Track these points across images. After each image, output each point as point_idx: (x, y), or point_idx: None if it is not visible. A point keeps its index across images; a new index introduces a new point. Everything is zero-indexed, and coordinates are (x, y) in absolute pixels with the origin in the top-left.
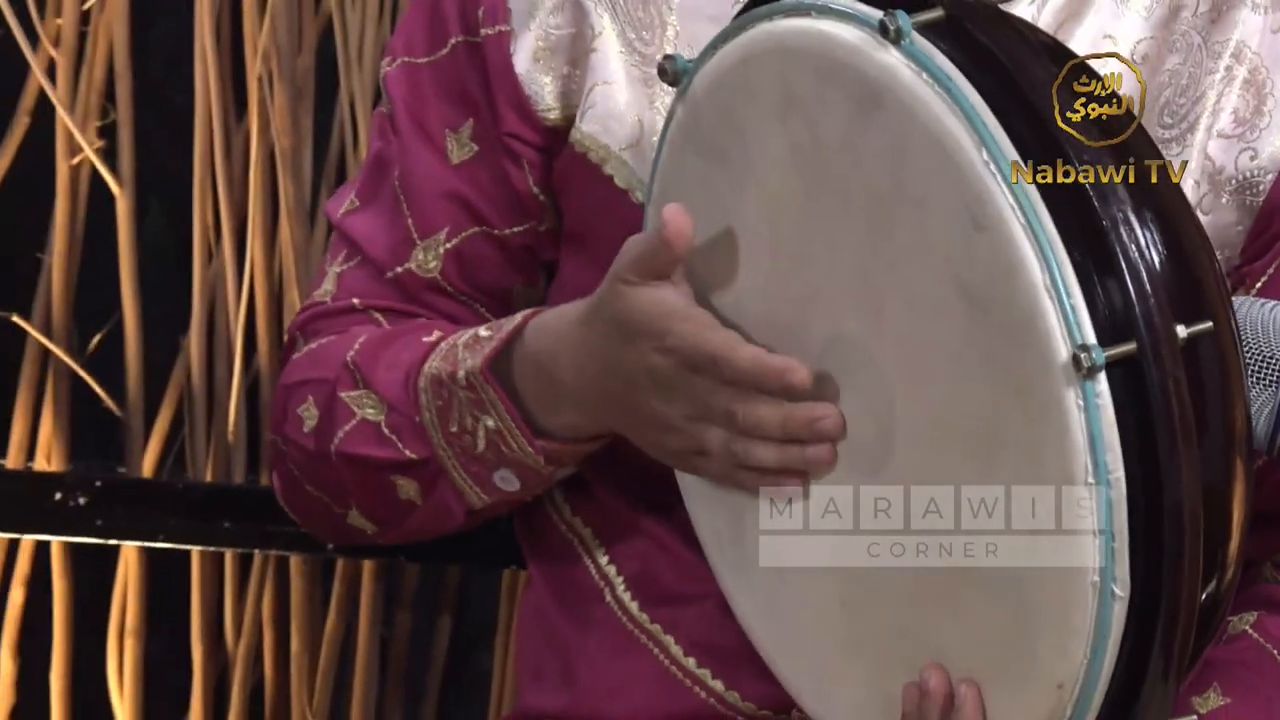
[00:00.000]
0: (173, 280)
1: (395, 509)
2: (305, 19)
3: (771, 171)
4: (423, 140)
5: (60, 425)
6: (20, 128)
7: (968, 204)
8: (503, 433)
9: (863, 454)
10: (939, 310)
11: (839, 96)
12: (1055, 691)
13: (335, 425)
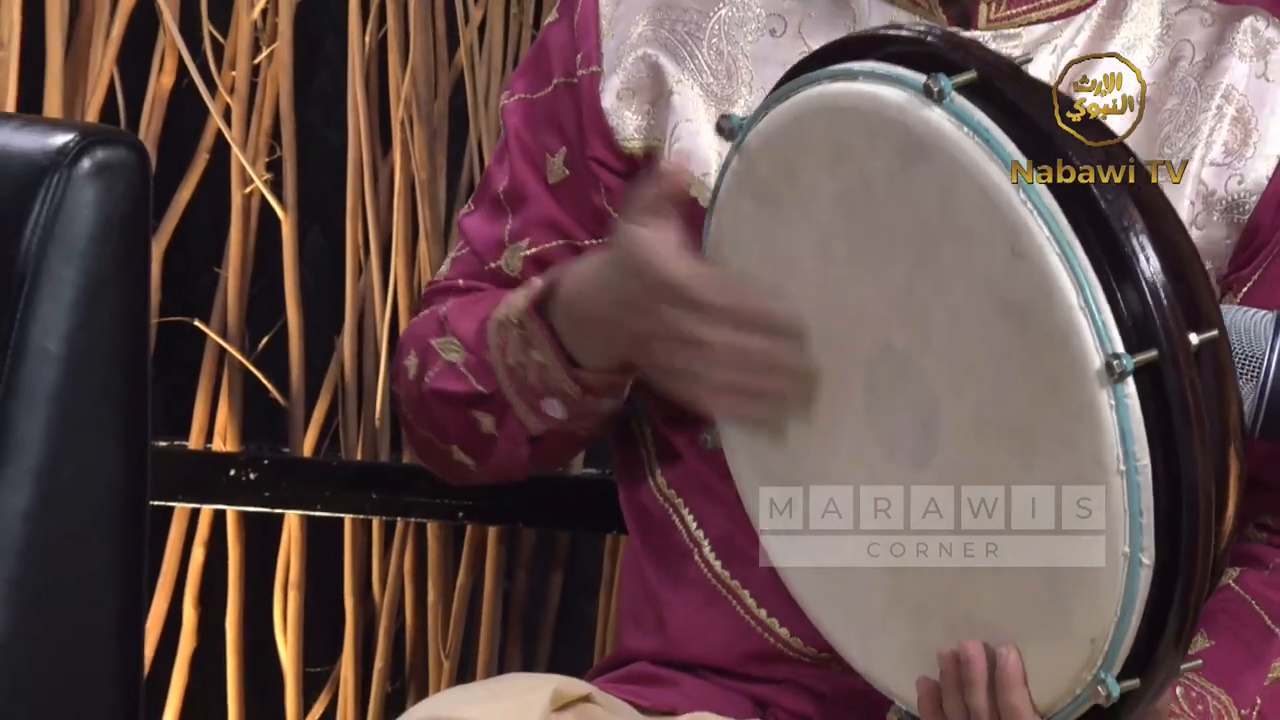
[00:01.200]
0: (328, 290)
1: (480, 441)
2: (440, 71)
3: (823, 210)
4: (527, 162)
5: (234, 413)
6: (201, 163)
7: (1007, 235)
8: (545, 365)
9: (909, 451)
10: (981, 324)
11: (887, 147)
12: (1089, 645)
13: (427, 368)
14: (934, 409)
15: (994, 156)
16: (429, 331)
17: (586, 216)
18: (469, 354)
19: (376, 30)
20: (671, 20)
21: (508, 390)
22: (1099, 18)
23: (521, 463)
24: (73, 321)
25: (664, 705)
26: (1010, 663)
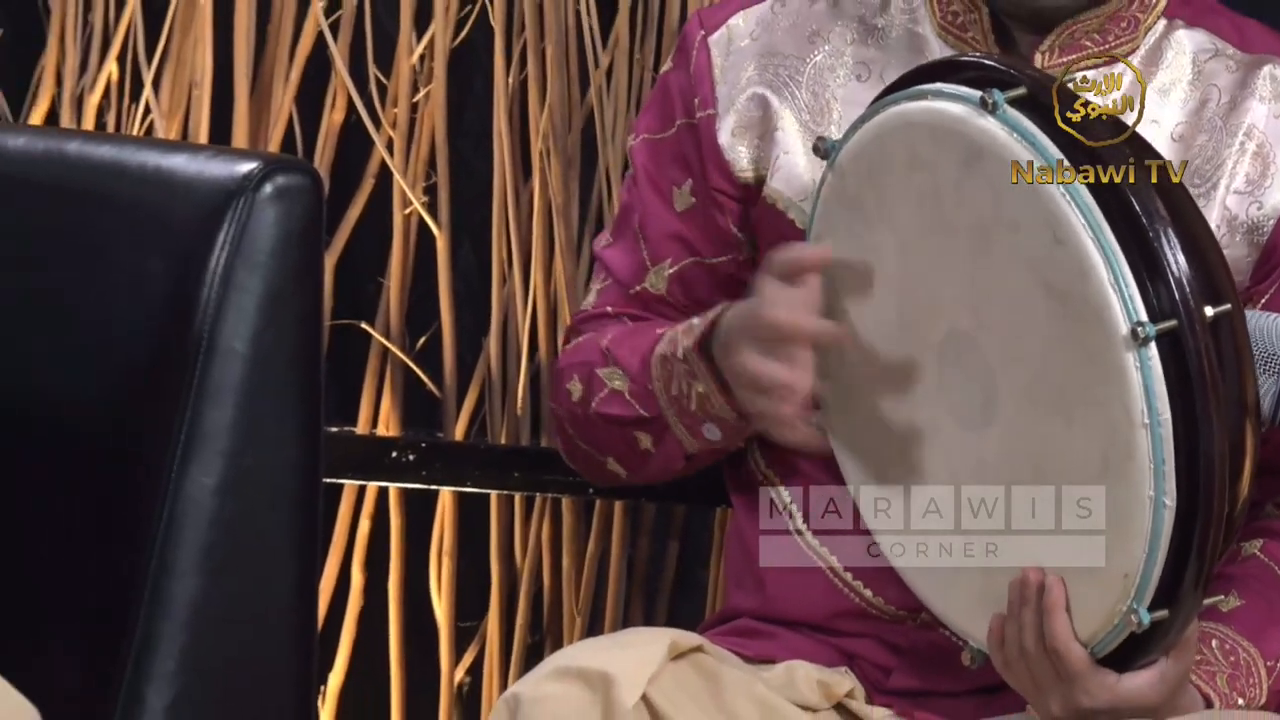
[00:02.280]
0: (476, 298)
1: (637, 457)
2: (573, 109)
3: (901, 213)
4: (656, 194)
5: (395, 403)
6: (367, 188)
7: (1050, 225)
8: (707, 394)
9: (973, 414)
10: (1029, 303)
11: (951, 153)
12: (1122, 580)
13: (593, 394)
14: (992, 379)
15: (1039, 158)
16: (593, 360)
17: (712, 237)
18: (633, 383)
19: (518, 73)
20: (774, 66)
21: (669, 416)
22: (1140, 64)
23: (675, 474)
24: (256, 325)
25: (764, 655)
26: (1054, 590)
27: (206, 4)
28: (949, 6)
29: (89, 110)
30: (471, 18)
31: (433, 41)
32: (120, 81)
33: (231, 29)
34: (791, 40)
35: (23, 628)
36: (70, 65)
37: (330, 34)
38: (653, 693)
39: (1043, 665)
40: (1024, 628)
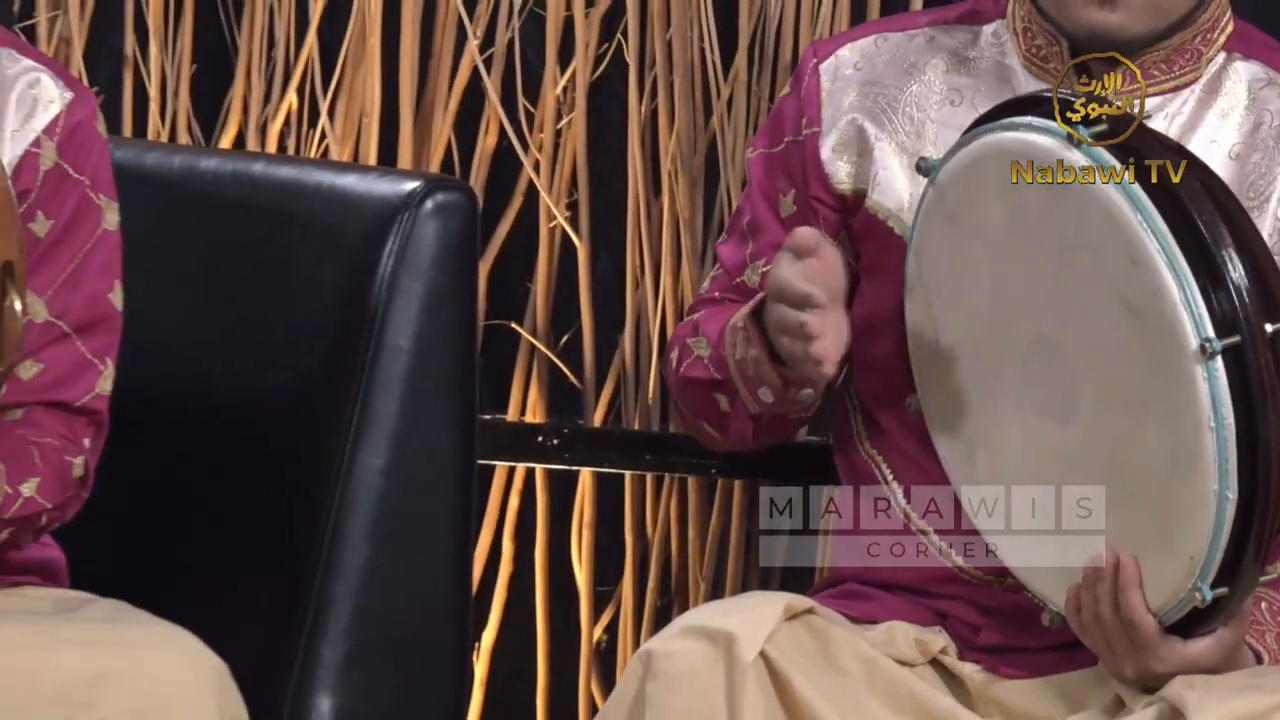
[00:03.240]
0: (613, 301)
1: (719, 417)
2: (698, 134)
3: (994, 229)
4: (765, 201)
5: (541, 393)
6: (516, 204)
7: (1128, 249)
8: (759, 359)
9: (1055, 412)
10: (1108, 317)
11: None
12: (1189, 561)
13: (683, 360)
14: (1073, 382)
15: (1122, 190)
16: (687, 333)
17: None
18: (712, 349)
19: (649, 103)
20: (874, 94)
21: (735, 378)
22: (1200, 92)
23: (748, 436)
24: (419, 324)
25: (867, 615)
26: (1128, 565)
27: (375, 42)
28: (1033, 40)
29: (272, 136)
30: (609, 55)
31: (574, 75)
32: (299, 110)
33: (398, 64)
34: (891, 71)
35: (215, 591)
36: (255, 96)
37: (484, 69)
38: (769, 649)
39: (1117, 633)
40: (1100, 600)
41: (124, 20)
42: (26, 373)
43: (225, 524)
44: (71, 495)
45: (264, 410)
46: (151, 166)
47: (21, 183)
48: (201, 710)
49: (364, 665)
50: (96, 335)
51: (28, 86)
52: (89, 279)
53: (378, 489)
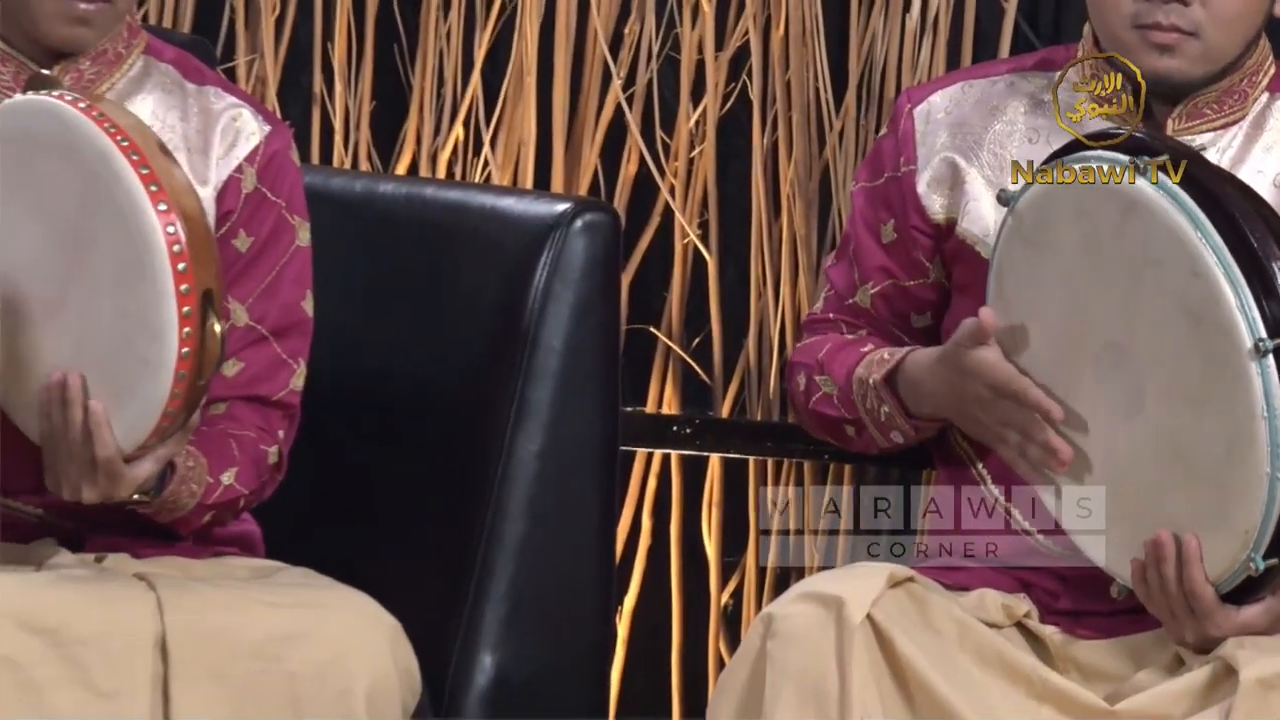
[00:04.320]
0: (739, 308)
1: (846, 440)
2: (813, 162)
3: (1068, 250)
4: (868, 230)
5: (676, 389)
6: (654, 223)
7: (1189, 263)
8: (892, 414)
9: (1124, 408)
10: (1171, 323)
11: (1110, 205)
12: (1244, 534)
13: (811, 394)
14: (1140, 381)
15: (1183, 211)
16: (812, 366)
17: (909, 265)
18: (839, 390)
19: (771, 135)
20: (963, 133)
21: (866, 421)
22: (1247, 129)
23: (873, 453)
24: (569, 327)
25: (960, 584)
26: (1191, 544)
27: (531, 81)
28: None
29: (441, 163)
30: (735, 93)
31: (705, 111)
32: (465, 141)
33: (551, 101)
34: (977, 113)
35: (391, 559)
36: (427, 128)
37: (627, 105)
38: (875, 612)
39: (1179, 601)
40: (1165, 573)
41: (313, 62)
42: (229, 370)
43: (400, 502)
44: (266, 479)
45: (435, 402)
46: (337, 190)
47: (225, 204)
48: (378, 664)
49: (521, 625)
50: (290, 338)
51: (231, 120)
52: (284, 289)
53: (533, 471)
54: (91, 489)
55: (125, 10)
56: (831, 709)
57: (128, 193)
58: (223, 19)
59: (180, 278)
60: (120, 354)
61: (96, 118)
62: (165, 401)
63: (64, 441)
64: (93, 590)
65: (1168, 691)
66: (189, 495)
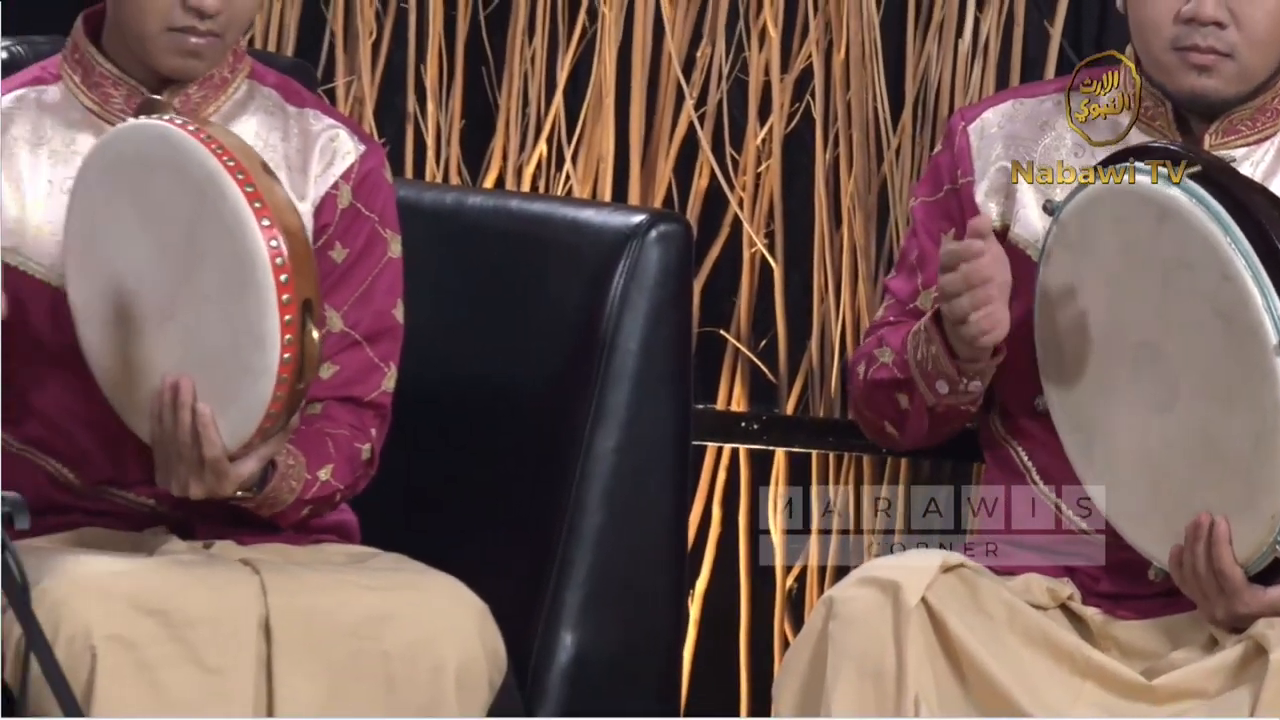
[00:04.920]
0: (802, 312)
1: (900, 414)
2: (872, 177)
3: (1107, 253)
4: (930, 239)
5: (744, 387)
6: (724, 234)
7: (1220, 267)
8: (937, 355)
9: (1158, 403)
10: (1202, 323)
11: (1146, 213)
12: (1271, 519)
13: (870, 367)
14: (1174, 377)
15: (1213, 218)
16: (873, 346)
17: None
18: (895, 355)
19: (832, 151)
20: (1015, 146)
21: (915, 375)
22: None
23: (924, 431)
24: (644, 331)
25: (1007, 568)
26: (1220, 526)
27: (610, 102)
28: (1143, 103)
29: (526, 177)
30: (799, 113)
31: (771, 129)
32: (548, 157)
33: (628, 120)
34: (1027, 128)
35: (479, 546)
36: (513, 145)
37: (698, 123)
38: (929, 596)
39: (1210, 582)
40: (1198, 556)
41: (406, 84)
42: (325, 373)
43: (487, 493)
44: (360, 475)
45: (519, 401)
46: (429, 203)
47: (322, 218)
48: (466, 643)
49: (599, 607)
50: (382, 343)
51: (329, 140)
52: (376, 297)
53: (611, 466)
54: (199, 485)
55: (233, 41)
56: (889, 686)
57: (234, 210)
58: (323, 43)
59: (282, 288)
60: (226, 360)
61: (204, 140)
62: (268, 404)
63: (174, 442)
64: (201, 575)
65: (1202, 669)
66: (288, 491)
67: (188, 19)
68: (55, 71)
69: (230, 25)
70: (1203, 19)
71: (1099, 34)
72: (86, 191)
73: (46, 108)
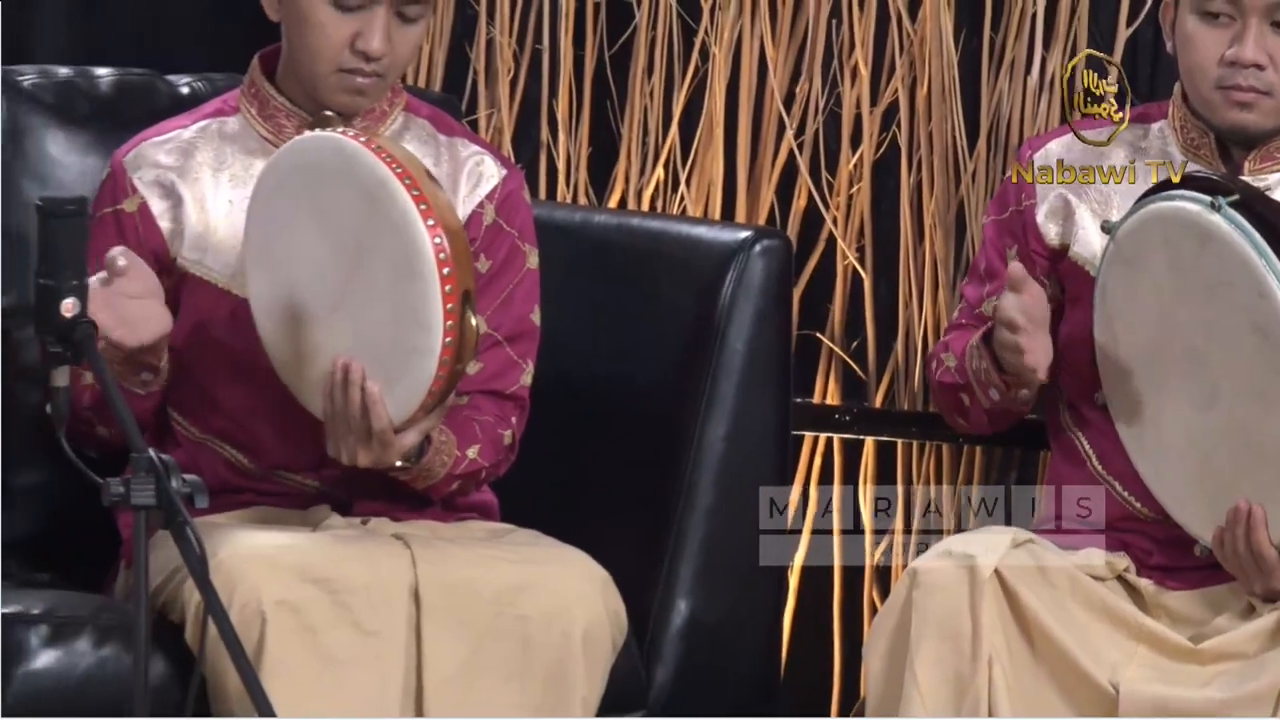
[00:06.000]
0: (889, 317)
1: (963, 409)
2: (950, 198)
3: (1158, 271)
4: (997, 254)
5: (837, 383)
6: (820, 248)
7: (1257, 285)
8: (988, 369)
9: (1202, 402)
10: (1241, 334)
11: (1191, 236)
12: None
13: (939, 368)
14: (1215, 380)
15: (1249, 242)
16: (940, 350)
17: None
18: (957, 362)
19: (916, 174)
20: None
21: (973, 383)
22: None
23: (985, 423)
24: (750, 333)
25: (1071, 544)
26: (1257, 512)
27: (719, 132)
28: (1188, 134)
29: (645, 198)
30: (886, 141)
31: (862, 156)
32: (665, 180)
33: (735, 148)
34: (1086, 158)
35: (604, 524)
36: (634, 170)
37: (798, 151)
38: (1001, 568)
39: (1249, 561)
40: (1237, 538)
41: (540, 116)
42: (471, 369)
43: (611, 476)
44: (502, 458)
45: (639, 395)
46: (560, 221)
47: (469, 233)
48: (593, 609)
49: (710, 578)
50: (521, 343)
51: (475, 165)
52: (516, 303)
53: (720, 452)
54: (366, 455)
55: (393, 80)
56: (965, 647)
57: (402, 211)
58: (467, 80)
59: (445, 280)
60: (394, 343)
61: (374, 149)
62: (430, 382)
63: (345, 417)
64: (359, 547)
65: (1242, 633)
66: (440, 465)
67: (355, 61)
68: (234, 105)
69: (392, 67)
70: (1244, 62)
71: (1152, 73)
72: (265, 197)
73: (227, 136)
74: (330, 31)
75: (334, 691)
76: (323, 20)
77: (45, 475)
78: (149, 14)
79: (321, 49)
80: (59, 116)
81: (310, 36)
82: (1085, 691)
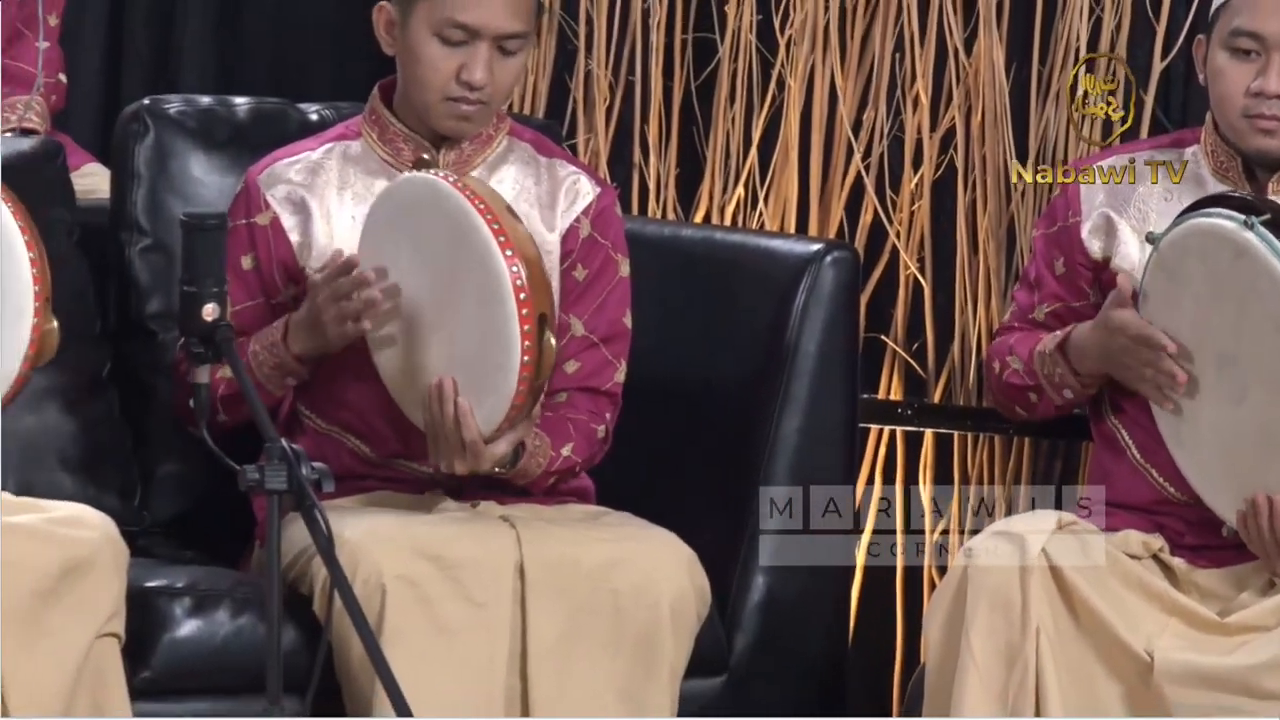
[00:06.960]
0: (946, 322)
1: (1030, 406)
2: (1003, 214)
3: (1196, 282)
4: (1045, 265)
5: (900, 381)
6: (884, 259)
7: None
8: (1064, 374)
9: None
10: (1269, 339)
11: (1225, 251)
12: None
13: (1004, 370)
14: (1246, 380)
15: (1278, 257)
16: (1004, 352)
17: (1074, 291)
18: (1024, 365)
19: (970, 193)
20: (1116, 194)
21: (1045, 385)
22: None
23: (1050, 416)
24: (821, 337)
25: (1110, 526)
26: (1277, 500)
27: (794, 155)
28: (1218, 158)
29: (727, 214)
30: (944, 163)
31: (922, 176)
32: (745, 198)
33: (809, 168)
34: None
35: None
36: (717, 188)
37: (865, 172)
38: (1048, 547)
39: (1272, 545)
40: (1261, 525)
41: (633, 140)
42: (569, 369)
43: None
44: (595, 451)
45: (720, 392)
46: (650, 235)
47: (567, 245)
48: (679, 583)
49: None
50: (614, 344)
51: (572, 184)
52: (610, 307)
53: (795, 444)
54: (461, 463)
55: (498, 107)
56: (1015, 617)
57: (485, 243)
58: (567, 108)
59: (521, 304)
60: (481, 361)
61: (461, 188)
62: (513, 396)
63: (440, 428)
64: (470, 528)
65: (1264, 607)
66: (536, 466)
67: (461, 91)
68: (357, 129)
69: (495, 96)
70: (1268, 93)
71: (1185, 101)
72: (374, 230)
73: (350, 158)
74: (438, 65)
75: (447, 657)
76: (431, 55)
77: (185, 463)
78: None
79: (430, 80)
80: (200, 140)
81: (420, 69)
82: (1124, 659)
